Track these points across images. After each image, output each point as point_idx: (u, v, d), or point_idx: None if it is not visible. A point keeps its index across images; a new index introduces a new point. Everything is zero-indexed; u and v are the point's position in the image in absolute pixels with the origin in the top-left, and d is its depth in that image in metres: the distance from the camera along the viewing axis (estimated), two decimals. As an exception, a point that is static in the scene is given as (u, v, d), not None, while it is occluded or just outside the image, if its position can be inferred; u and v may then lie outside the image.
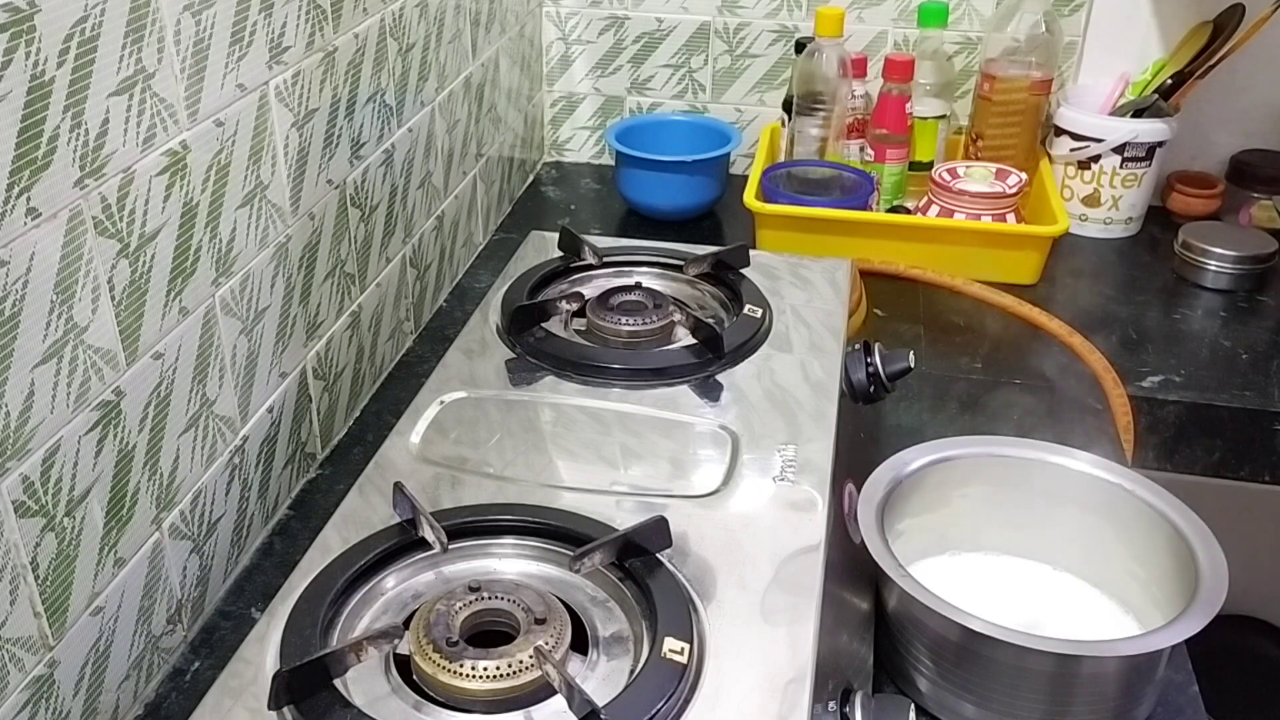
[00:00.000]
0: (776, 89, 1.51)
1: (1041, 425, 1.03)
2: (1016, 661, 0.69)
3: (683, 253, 1.00)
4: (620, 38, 1.54)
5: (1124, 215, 1.38)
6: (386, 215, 1.06)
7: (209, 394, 0.79)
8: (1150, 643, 0.69)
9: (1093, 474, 0.83)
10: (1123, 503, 0.81)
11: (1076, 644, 0.69)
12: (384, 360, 1.10)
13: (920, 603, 0.71)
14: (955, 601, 0.71)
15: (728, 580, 0.66)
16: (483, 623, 0.62)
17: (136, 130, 0.68)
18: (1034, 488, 0.84)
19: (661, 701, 0.56)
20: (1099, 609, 0.82)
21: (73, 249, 0.64)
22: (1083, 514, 0.83)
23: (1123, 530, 0.81)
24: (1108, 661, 0.70)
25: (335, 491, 0.94)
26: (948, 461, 0.84)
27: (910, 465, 0.83)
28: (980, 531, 0.86)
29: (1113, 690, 0.71)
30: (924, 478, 0.83)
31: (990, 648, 0.70)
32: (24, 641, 0.63)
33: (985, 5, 1.43)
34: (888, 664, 0.77)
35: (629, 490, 0.74)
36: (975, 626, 0.69)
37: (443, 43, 1.16)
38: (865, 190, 1.30)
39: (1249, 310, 1.23)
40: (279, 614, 0.63)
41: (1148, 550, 0.79)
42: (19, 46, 0.58)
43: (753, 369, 0.87)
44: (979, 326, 1.20)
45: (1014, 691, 0.70)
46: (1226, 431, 1.08)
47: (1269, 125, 1.42)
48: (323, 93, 0.91)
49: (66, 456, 0.65)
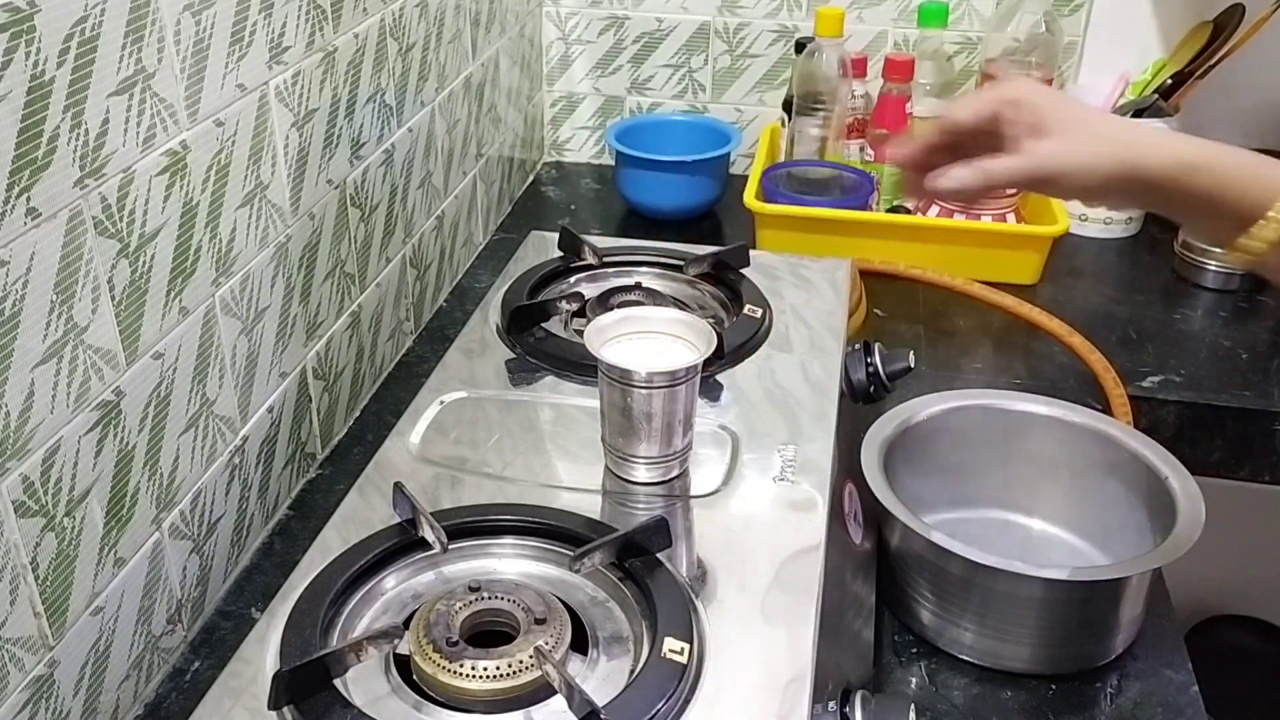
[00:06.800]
0: (776, 89, 1.51)
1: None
2: (1010, 589, 0.76)
3: (683, 253, 1.00)
4: (620, 38, 1.54)
5: (1124, 215, 1.38)
6: (386, 215, 1.06)
7: (209, 394, 0.79)
8: (1130, 568, 0.78)
9: (1079, 424, 0.89)
10: (1106, 451, 0.87)
11: (1065, 569, 0.77)
12: (384, 360, 1.10)
13: (923, 538, 0.77)
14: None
15: (728, 580, 0.66)
16: (483, 623, 0.62)
17: (136, 130, 0.68)
18: (1023, 441, 0.90)
19: (661, 701, 0.56)
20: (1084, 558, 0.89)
21: (73, 249, 0.64)
22: (1069, 465, 0.89)
23: (1107, 478, 0.87)
24: (1092, 587, 0.77)
25: (335, 491, 0.94)
26: (944, 414, 0.90)
27: (915, 416, 0.89)
28: (972, 488, 0.91)
29: (1096, 616, 0.78)
30: (917, 434, 0.88)
31: (987, 577, 0.76)
32: (24, 641, 0.63)
33: (985, 5, 1.43)
34: (890, 600, 0.83)
35: (629, 490, 0.74)
36: (974, 558, 0.75)
37: (443, 43, 1.16)
38: (865, 190, 1.30)
39: (1249, 310, 1.23)
40: (279, 614, 0.63)
41: (1130, 497, 0.85)
42: (19, 46, 0.58)
43: (753, 369, 0.87)
44: (979, 326, 1.20)
45: (1007, 618, 0.77)
46: (1226, 431, 1.08)
47: (1269, 125, 1.42)
48: (323, 93, 0.91)
49: (66, 456, 0.65)
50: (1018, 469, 0.91)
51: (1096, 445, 0.88)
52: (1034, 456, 0.90)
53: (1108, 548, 0.88)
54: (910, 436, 0.88)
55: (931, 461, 0.90)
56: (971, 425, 0.90)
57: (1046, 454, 0.90)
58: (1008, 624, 0.77)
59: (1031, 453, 0.90)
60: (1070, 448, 0.89)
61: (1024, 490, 0.91)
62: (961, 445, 0.90)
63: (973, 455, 0.91)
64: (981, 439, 0.90)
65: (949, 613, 0.79)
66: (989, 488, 0.92)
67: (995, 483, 0.91)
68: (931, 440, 0.89)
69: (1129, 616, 0.80)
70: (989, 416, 0.90)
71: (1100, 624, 0.78)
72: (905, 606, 0.82)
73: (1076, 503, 0.90)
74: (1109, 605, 0.78)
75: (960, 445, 0.90)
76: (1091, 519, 0.89)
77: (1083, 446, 0.88)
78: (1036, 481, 0.91)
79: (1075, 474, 0.89)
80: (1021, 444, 0.90)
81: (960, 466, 0.91)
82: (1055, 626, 0.77)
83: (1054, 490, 0.90)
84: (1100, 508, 0.88)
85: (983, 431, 0.90)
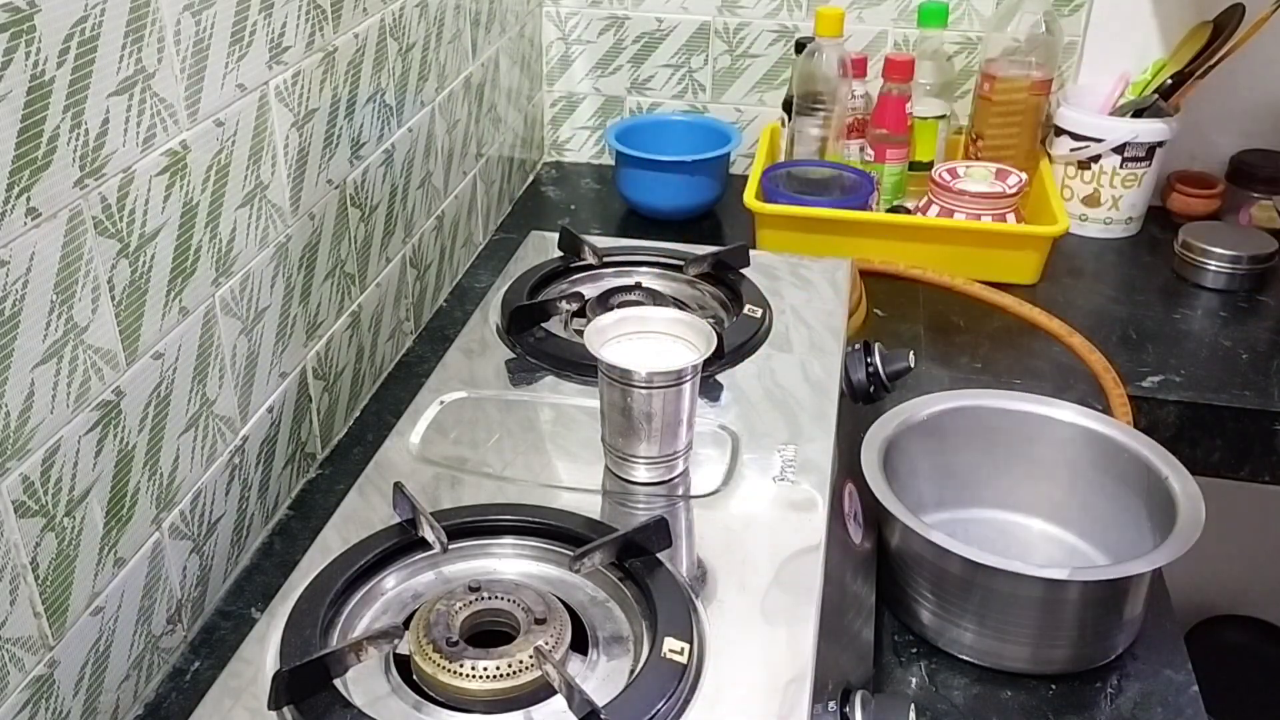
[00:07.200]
0: (776, 89, 1.51)
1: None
2: (1011, 589, 0.76)
3: (683, 253, 1.00)
4: (620, 38, 1.54)
5: (1124, 215, 1.38)
6: (386, 215, 1.06)
7: (209, 394, 0.79)
8: (1130, 568, 0.76)
9: (1079, 424, 0.89)
10: (1106, 451, 0.87)
11: (1065, 569, 0.77)
12: (384, 360, 1.10)
13: (923, 538, 0.77)
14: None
15: (728, 580, 0.66)
16: (483, 623, 0.62)
17: (136, 130, 0.68)
18: (1023, 441, 0.90)
19: (661, 701, 0.56)
20: (1083, 558, 0.89)
21: (73, 249, 0.64)
22: (1069, 465, 0.89)
23: (1106, 478, 0.87)
24: (1092, 587, 0.77)
25: (335, 491, 0.94)
26: (944, 414, 0.90)
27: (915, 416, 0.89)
28: (971, 488, 0.92)
29: (1096, 616, 0.78)
30: (917, 434, 0.88)
31: (987, 577, 0.76)
32: (24, 641, 0.63)
33: (985, 5, 1.43)
34: (890, 600, 0.83)
35: (629, 490, 0.74)
36: (974, 557, 0.75)
37: (443, 43, 1.16)
38: (865, 190, 1.30)
39: (1249, 310, 1.23)
40: (279, 614, 0.63)
41: (1130, 497, 0.85)
42: (19, 46, 0.58)
43: (753, 369, 0.87)
44: (979, 326, 1.20)
45: (1007, 618, 0.77)
46: (1226, 431, 1.08)
47: (1269, 125, 1.42)
48: (323, 93, 0.91)
49: (66, 456, 0.65)
50: (1018, 469, 0.91)
51: (1096, 445, 0.88)
52: (1034, 456, 0.90)
53: (1108, 548, 0.88)
54: (910, 436, 0.88)
55: (931, 461, 0.90)
56: (971, 425, 0.90)
57: (1046, 454, 0.90)
58: (1008, 624, 0.77)
59: (1031, 453, 0.90)
60: (1070, 448, 0.89)
61: (1024, 490, 0.91)
62: (961, 445, 0.90)
63: (973, 455, 0.91)
64: (981, 439, 0.90)
65: (949, 613, 0.79)
66: (989, 488, 0.92)
67: (995, 483, 0.91)
68: (931, 440, 0.89)
69: (1129, 616, 0.80)
70: (989, 416, 0.90)
71: (1100, 624, 0.78)
72: (905, 606, 0.82)
73: (1076, 503, 0.90)
74: (1109, 605, 0.78)
75: (960, 445, 0.90)
76: (1091, 519, 0.89)
77: (1083, 446, 0.88)
78: (1036, 481, 0.91)
79: (1075, 474, 0.89)
80: (1021, 444, 0.90)
81: (960, 466, 0.91)
82: (1055, 626, 0.77)
83: (1054, 490, 0.90)
84: (1100, 508, 0.88)
85: (983, 431, 0.90)
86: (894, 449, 0.86)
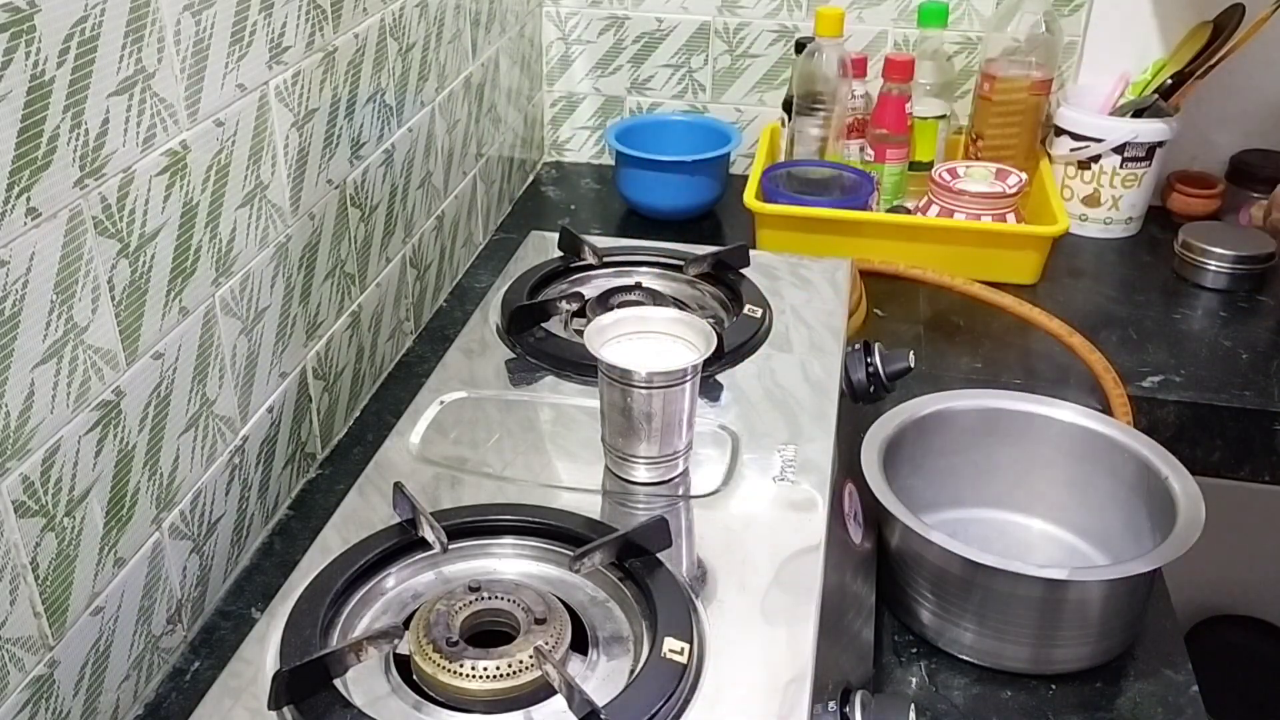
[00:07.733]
0: (776, 89, 1.51)
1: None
2: (1011, 589, 0.76)
3: (683, 253, 1.00)
4: (620, 38, 1.54)
5: (1124, 215, 1.38)
6: (386, 215, 1.06)
7: (209, 394, 0.79)
8: (1130, 568, 0.76)
9: (1079, 424, 0.89)
10: (1106, 451, 0.87)
11: (1065, 569, 0.77)
12: (384, 360, 1.10)
13: (923, 538, 0.77)
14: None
15: (728, 580, 0.66)
16: (483, 623, 0.62)
17: (136, 130, 0.68)
18: (1023, 441, 0.90)
19: (661, 701, 0.56)
20: (1083, 558, 0.89)
21: (73, 249, 0.64)
22: (1069, 464, 0.89)
23: (1106, 478, 0.87)
24: (1092, 587, 0.77)
25: (335, 491, 0.94)
26: (944, 414, 0.90)
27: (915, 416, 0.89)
28: (971, 488, 0.92)
29: (1096, 616, 0.78)
30: (917, 434, 0.88)
31: (987, 577, 0.76)
32: (24, 641, 0.63)
33: (985, 5, 1.43)
34: (890, 600, 0.83)
35: (629, 490, 0.74)
36: (974, 558, 0.75)
37: (443, 43, 1.16)
38: (865, 190, 1.30)
39: (1249, 310, 1.23)
40: (279, 614, 0.63)
41: (1130, 497, 0.85)
42: (19, 46, 0.58)
43: (753, 369, 0.87)
44: (979, 326, 1.20)
45: (1007, 618, 0.77)
46: (1226, 431, 1.08)
47: (1269, 125, 1.42)
48: (323, 93, 0.91)
49: (66, 456, 0.65)
50: (1018, 469, 0.91)
51: (1096, 445, 0.88)
52: (1034, 456, 0.90)
53: (1108, 548, 0.88)
54: (910, 436, 0.88)
55: (931, 461, 0.90)
56: (971, 425, 0.90)
57: (1046, 454, 0.90)
58: (1008, 624, 0.77)
59: (1031, 453, 0.90)
60: (1070, 448, 0.89)
61: (1024, 490, 0.91)
62: (962, 445, 0.91)
63: (973, 455, 0.91)
64: (981, 439, 0.91)
65: (949, 613, 0.79)
66: (989, 488, 0.92)
67: (995, 483, 0.91)
68: (931, 440, 0.89)
69: (1129, 616, 0.80)
70: (989, 416, 0.90)
71: (1100, 624, 0.78)
72: (905, 606, 0.82)
73: (1076, 503, 0.90)
74: (1109, 605, 0.78)
75: (960, 445, 0.90)
76: (1091, 519, 0.89)
77: (1083, 446, 0.88)
78: (1037, 482, 0.91)
79: (1075, 474, 0.89)
80: (1021, 444, 0.90)
81: (960, 466, 0.91)
82: (1055, 626, 0.77)
83: (1054, 490, 0.90)
84: (1100, 508, 0.88)
85: (983, 431, 0.90)
86: (894, 449, 0.86)
